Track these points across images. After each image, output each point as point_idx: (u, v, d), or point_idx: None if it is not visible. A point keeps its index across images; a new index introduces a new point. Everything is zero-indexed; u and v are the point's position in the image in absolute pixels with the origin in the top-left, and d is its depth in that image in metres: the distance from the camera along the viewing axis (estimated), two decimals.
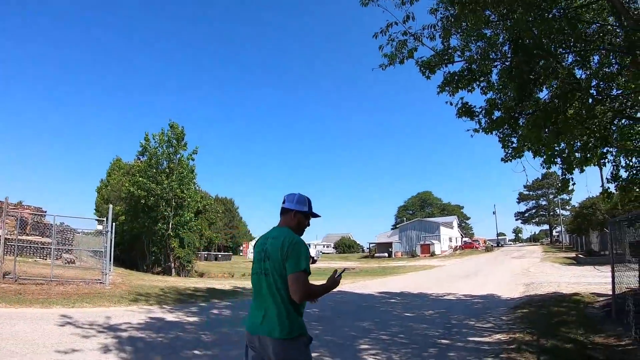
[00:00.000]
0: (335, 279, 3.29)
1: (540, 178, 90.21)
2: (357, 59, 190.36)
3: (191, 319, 10.18)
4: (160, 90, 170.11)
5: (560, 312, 10.65)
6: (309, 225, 3.42)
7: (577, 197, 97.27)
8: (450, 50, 10.21)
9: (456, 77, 10.48)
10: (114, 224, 17.52)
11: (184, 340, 7.89)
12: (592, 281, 17.34)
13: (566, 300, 12.39)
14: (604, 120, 8.77)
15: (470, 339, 8.44)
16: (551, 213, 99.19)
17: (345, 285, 20.16)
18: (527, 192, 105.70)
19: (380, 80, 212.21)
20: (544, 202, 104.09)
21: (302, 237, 3.25)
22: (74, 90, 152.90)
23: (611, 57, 9.44)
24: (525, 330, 8.74)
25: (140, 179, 27.61)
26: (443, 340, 8.24)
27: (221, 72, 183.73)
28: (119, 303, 11.69)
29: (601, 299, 12.39)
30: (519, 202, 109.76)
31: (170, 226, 27.87)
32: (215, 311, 11.62)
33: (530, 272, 25.38)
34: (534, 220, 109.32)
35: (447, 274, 27.25)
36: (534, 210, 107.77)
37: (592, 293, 13.63)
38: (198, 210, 30.90)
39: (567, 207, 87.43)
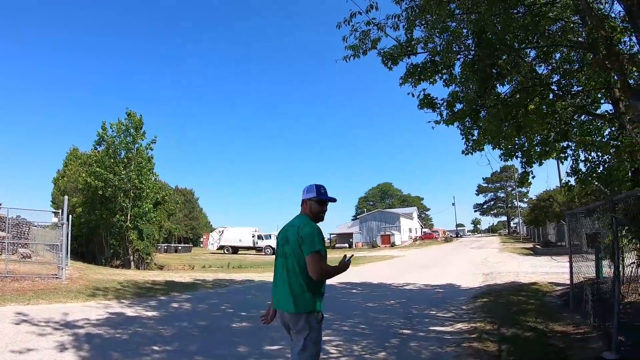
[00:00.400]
0: (345, 263, 3.69)
1: (498, 171, 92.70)
2: (319, 48, 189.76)
3: (150, 314, 9.88)
4: (118, 78, 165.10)
5: (519, 301, 10.86)
6: (324, 210, 3.85)
7: (535, 190, 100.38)
8: (413, 42, 10.17)
9: (419, 69, 10.47)
10: (70, 216, 16.87)
11: (143, 336, 7.62)
12: (549, 271, 17.81)
13: (525, 290, 12.65)
14: (564, 115, 8.90)
15: (432, 328, 8.48)
16: (509, 205, 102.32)
17: None
18: (486, 185, 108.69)
19: (341, 69, 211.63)
20: (502, 194, 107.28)
21: (318, 223, 3.75)
22: (30, 75, 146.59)
23: (573, 54, 9.60)
24: (485, 319, 8.85)
25: (98, 169, 26.65)
26: (405, 330, 8.25)
27: (181, 62, 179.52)
28: (76, 299, 11.23)
29: (559, 288, 12.70)
30: (477, 194, 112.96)
31: (129, 218, 27.08)
32: (174, 305, 11.32)
33: (489, 262, 25.92)
34: (492, 212, 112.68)
35: (408, 264, 27.52)
36: (492, 202, 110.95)
37: (549, 282, 13.97)
38: (157, 201, 30.12)
39: (524, 199, 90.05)
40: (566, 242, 24.97)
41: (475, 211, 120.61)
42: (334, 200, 3.91)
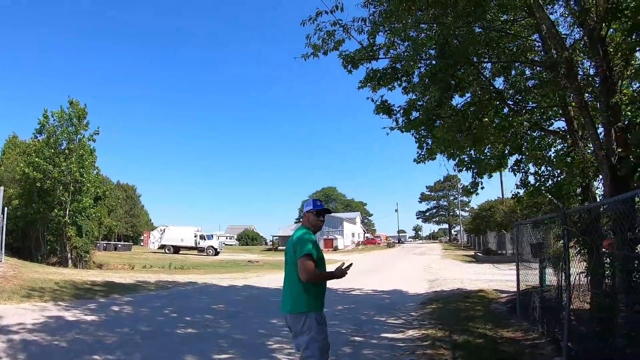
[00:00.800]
0: (342, 270, 4.13)
1: (442, 180, 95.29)
2: (267, 47, 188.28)
3: (90, 318, 9.28)
4: (59, 66, 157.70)
5: (467, 308, 11.07)
6: (321, 220, 4.33)
7: (476, 200, 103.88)
8: (375, 47, 10.15)
9: (379, 74, 10.45)
10: (6, 208, 15.84)
11: (82, 343, 7.11)
12: (493, 278, 18.26)
13: (471, 297, 12.92)
14: (520, 130, 9.08)
15: (384, 335, 8.43)
16: (451, 213, 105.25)
17: (251, 279, 19.84)
18: (429, 193, 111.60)
19: (291, 70, 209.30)
20: (444, 203, 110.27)
21: (314, 233, 4.24)
22: None
23: (529, 72, 9.85)
24: (436, 326, 8.90)
25: (37, 159, 25.14)
26: (356, 338, 8.13)
27: (126, 54, 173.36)
28: (10, 300, 10.48)
29: (504, 295, 13.06)
30: (420, 202, 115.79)
31: (68, 213, 25.67)
32: (115, 308, 10.72)
33: (433, 268, 26.44)
34: (434, 219, 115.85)
35: (352, 269, 27.45)
36: (434, 210, 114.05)
37: (494, 290, 14.35)
38: (97, 197, 28.72)
39: (466, 208, 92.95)
40: (512, 250, 25.90)
41: (417, 218, 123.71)
42: (328, 211, 4.59)
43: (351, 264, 4.25)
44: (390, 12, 8.79)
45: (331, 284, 17.06)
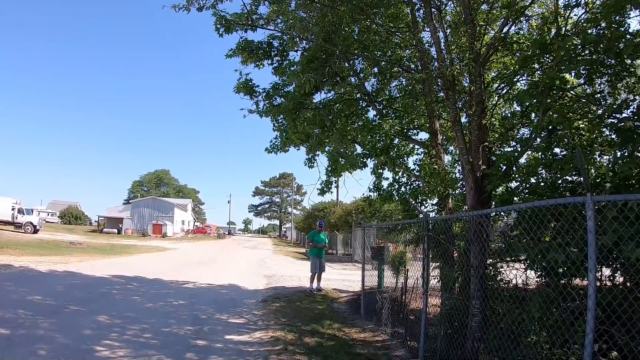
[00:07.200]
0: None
1: (277, 177, 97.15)
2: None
3: None
4: None
5: (311, 307, 11.05)
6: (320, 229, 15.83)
7: (308, 200, 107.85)
8: (256, 17, 9.44)
9: (252, 47, 9.81)
10: None
11: None
12: (329, 277, 18.43)
13: (312, 296, 13.01)
14: (390, 133, 9.13)
15: (228, 337, 7.81)
16: (283, 210, 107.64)
17: (72, 264, 17.54)
18: (264, 188, 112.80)
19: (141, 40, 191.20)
20: (277, 199, 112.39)
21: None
22: None
23: (404, 80, 10.05)
24: (284, 328, 8.53)
25: None
26: (199, 342, 7.34)
27: None
28: None
29: (343, 295, 13.44)
30: (254, 195, 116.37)
31: None
32: None
33: (267, 263, 26.44)
34: (266, 214, 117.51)
35: (184, 259, 26.52)
36: (267, 205, 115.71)
37: (333, 289, 14.70)
38: None
39: (298, 207, 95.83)
40: (343, 251, 27.04)
41: (249, 212, 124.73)
42: (320, 227, 15.91)
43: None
44: None
45: (165, 275, 16.06)
